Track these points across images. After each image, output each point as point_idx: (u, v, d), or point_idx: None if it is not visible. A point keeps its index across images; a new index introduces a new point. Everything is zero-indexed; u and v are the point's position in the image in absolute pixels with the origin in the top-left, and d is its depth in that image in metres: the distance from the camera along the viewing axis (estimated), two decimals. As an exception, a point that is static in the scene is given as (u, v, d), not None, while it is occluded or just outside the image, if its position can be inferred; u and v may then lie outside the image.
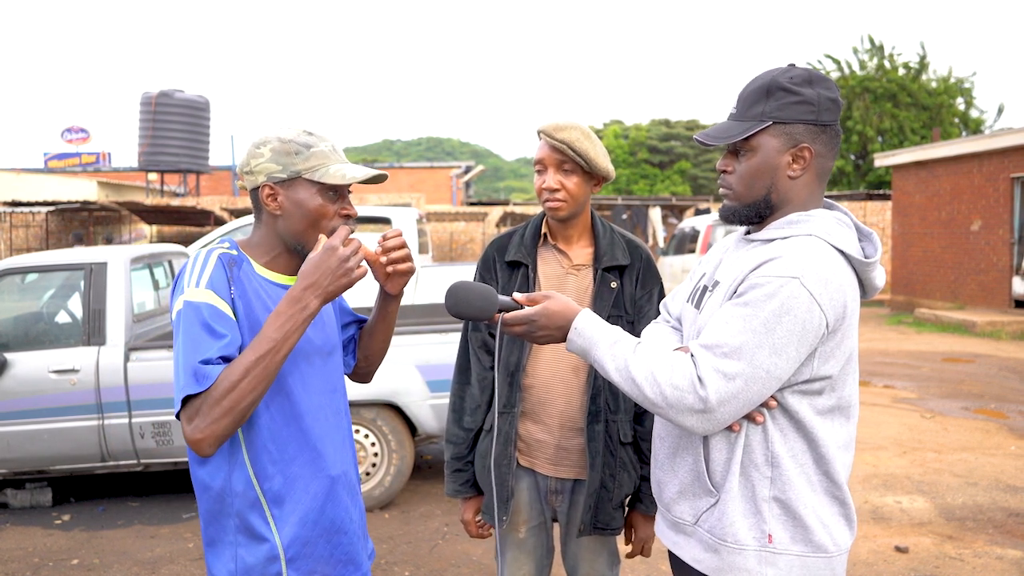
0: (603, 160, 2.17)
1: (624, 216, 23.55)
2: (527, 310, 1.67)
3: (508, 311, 1.68)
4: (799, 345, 1.48)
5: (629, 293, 2.24)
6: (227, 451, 1.66)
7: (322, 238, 1.66)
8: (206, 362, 1.54)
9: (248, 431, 1.66)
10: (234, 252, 1.71)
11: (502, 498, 2.22)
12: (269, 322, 1.58)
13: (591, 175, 2.20)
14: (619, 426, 2.21)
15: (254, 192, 1.71)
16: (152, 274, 5.64)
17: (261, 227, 1.75)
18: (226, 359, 1.56)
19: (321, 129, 1.75)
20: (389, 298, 1.90)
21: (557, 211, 2.19)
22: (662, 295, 2.27)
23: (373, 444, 4.79)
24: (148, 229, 20.69)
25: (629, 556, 2.39)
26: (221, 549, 1.68)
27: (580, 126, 2.15)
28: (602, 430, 2.19)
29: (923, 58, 30.01)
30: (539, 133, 2.18)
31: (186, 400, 1.54)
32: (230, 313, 1.61)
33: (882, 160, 17.19)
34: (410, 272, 1.81)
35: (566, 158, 2.15)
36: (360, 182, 1.70)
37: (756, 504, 1.56)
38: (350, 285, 1.62)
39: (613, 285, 2.22)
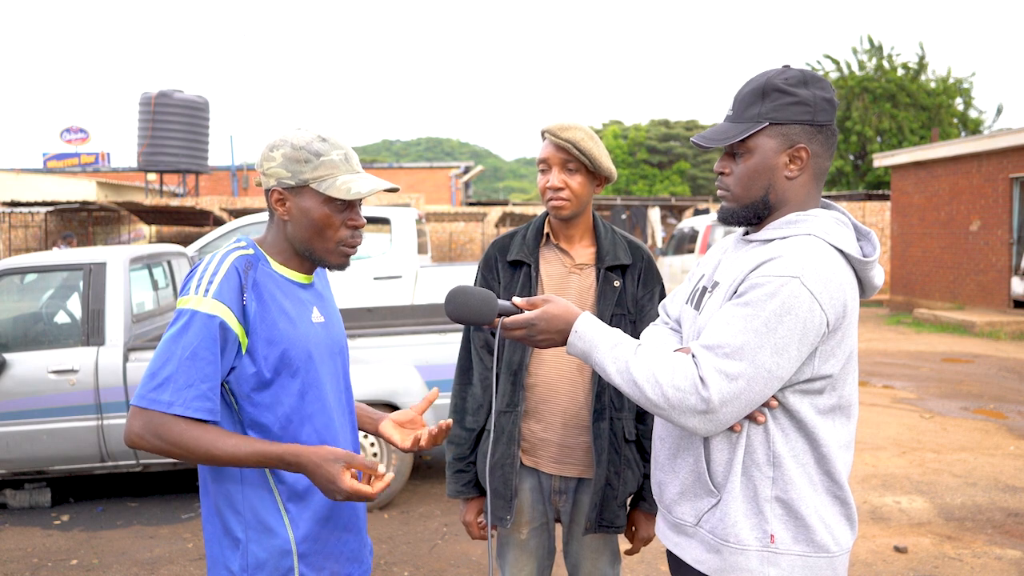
0: (607, 161, 2.20)
1: (623, 216, 23.55)
2: (527, 314, 1.67)
3: (508, 315, 1.69)
4: (800, 344, 1.49)
5: (631, 292, 2.25)
6: None
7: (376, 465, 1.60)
8: (212, 391, 1.58)
9: (257, 427, 1.66)
10: (250, 252, 1.71)
11: (506, 498, 2.22)
12: (255, 442, 1.59)
13: (594, 175, 2.23)
14: (624, 423, 2.22)
15: (267, 193, 1.72)
16: (151, 274, 5.64)
17: (273, 228, 1.76)
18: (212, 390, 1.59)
19: (337, 135, 1.73)
20: None
21: (561, 210, 2.20)
22: (663, 295, 2.28)
23: (373, 444, 4.78)
24: (147, 229, 20.66)
25: (628, 553, 2.39)
26: (231, 542, 1.67)
27: (584, 127, 2.18)
28: (607, 427, 2.19)
29: (922, 58, 30.00)
30: (544, 133, 2.19)
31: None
32: (234, 325, 1.61)
33: (881, 160, 17.19)
34: None
35: (571, 157, 2.17)
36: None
37: (758, 504, 1.56)
38: (331, 496, 1.57)
39: (616, 284, 2.23)
